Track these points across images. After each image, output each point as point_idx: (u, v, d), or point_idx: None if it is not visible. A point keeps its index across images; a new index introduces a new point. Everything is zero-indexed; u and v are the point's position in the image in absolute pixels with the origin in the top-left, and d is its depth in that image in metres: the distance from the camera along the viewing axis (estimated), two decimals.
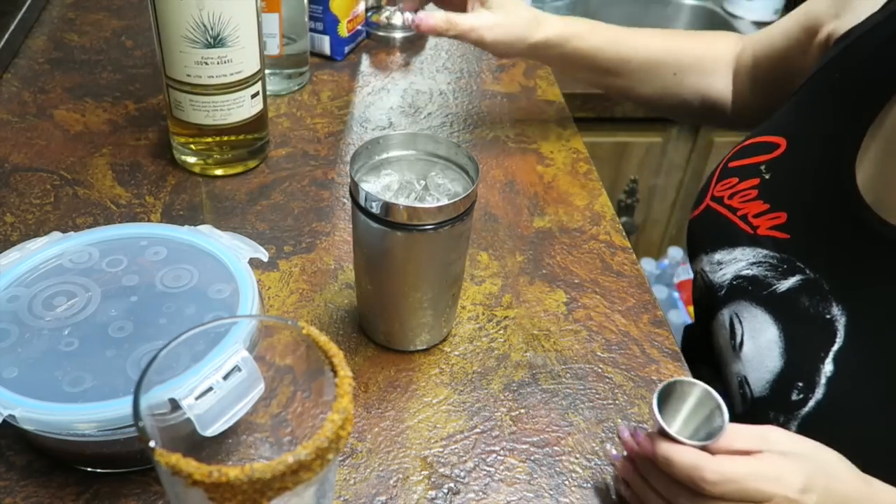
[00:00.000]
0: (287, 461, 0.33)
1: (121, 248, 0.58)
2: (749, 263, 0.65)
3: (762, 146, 0.69)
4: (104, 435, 0.47)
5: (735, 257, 0.67)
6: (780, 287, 0.62)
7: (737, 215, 0.68)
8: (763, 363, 0.62)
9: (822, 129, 0.64)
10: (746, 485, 0.46)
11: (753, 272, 0.65)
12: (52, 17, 1.04)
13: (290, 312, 0.65)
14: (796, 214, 0.64)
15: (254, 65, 0.74)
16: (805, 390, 0.58)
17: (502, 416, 0.59)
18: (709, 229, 0.71)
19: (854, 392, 0.56)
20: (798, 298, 0.61)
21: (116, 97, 0.89)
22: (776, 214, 0.65)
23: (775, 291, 0.63)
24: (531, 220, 0.77)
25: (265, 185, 0.79)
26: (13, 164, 0.79)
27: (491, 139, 0.88)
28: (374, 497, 0.53)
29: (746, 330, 0.64)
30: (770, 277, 0.63)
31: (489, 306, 0.68)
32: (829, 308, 0.59)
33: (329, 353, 0.38)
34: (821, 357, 0.58)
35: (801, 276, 0.61)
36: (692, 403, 0.49)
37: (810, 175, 0.63)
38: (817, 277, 0.60)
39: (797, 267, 0.62)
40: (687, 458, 0.46)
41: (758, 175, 0.67)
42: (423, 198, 0.58)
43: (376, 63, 1.01)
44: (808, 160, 0.64)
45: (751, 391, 0.63)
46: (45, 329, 0.52)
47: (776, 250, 0.64)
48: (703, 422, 0.49)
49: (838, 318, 0.58)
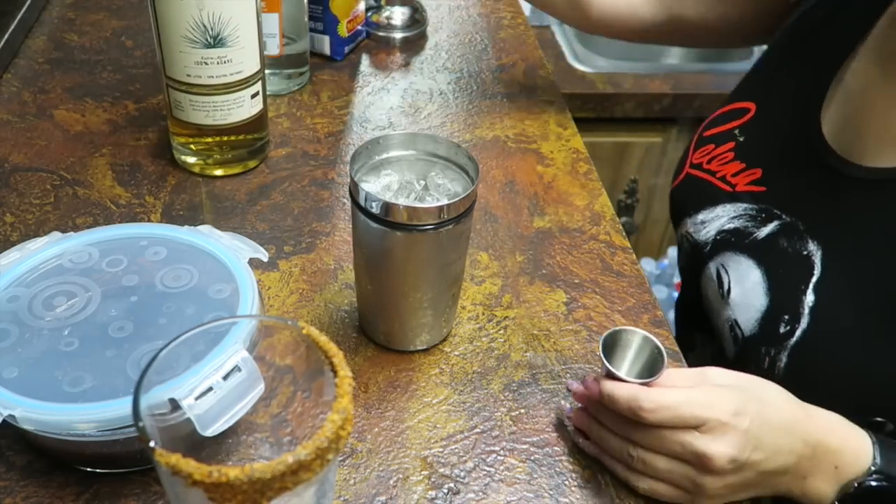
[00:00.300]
0: (287, 461, 0.33)
1: (121, 248, 0.58)
2: (730, 218, 0.71)
3: (734, 113, 0.76)
4: (104, 435, 0.47)
5: (717, 214, 0.72)
6: (759, 234, 0.68)
7: (716, 177, 0.74)
8: (750, 304, 0.66)
9: (788, 90, 0.72)
10: (681, 411, 0.49)
11: (735, 225, 0.70)
12: (52, 17, 1.04)
13: (290, 312, 0.65)
14: (771, 168, 0.70)
15: (254, 65, 0.74)
16: (791, 322, 0.62)
17: (502, 416, 0.59)
18: (690, 194, 0.76)
19: (835, 316, 0.61)
20: (777, 241, 0.66)
21: (116, 97, 0.89)
22: (752, 171, 0.71)
23: (756, 238, 0.68)
24: (531, 220, 0.77)
25: (265, 185, 0.79)
26: (13, 164, 0.79)
27: (491, 139, 0.88)
28: (374, 497, 0.53)
29: (733, 277, 0.69)
30: (750, 227, 0.69)
31: (489, 306, 0.68)
32: (806, 245, 0.64)
33: (329, 353, 0.38)
34: (802, 289, 0.63)
35: (778, 222, 0.67)
36: (635, 350, 0.54)
37: (781, 132, 0.70)
38: (793, 220, 0.66)
39: (774, 214, 0.68)
40: (626, 392, 0.50)
41: (732, 139, 0.74)
42: (423, 198, 0.58)
43: (376, 63, 1.01)
44: (778, 119, 0.71)
45: (741, 332, 0.67)
46: (45, 329, 0.52)
47: (754, 202, 0.70)
48: (645, 366, 0.54)
49: (815, 253, 0.63)
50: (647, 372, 0.53)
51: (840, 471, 0.53)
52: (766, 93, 0.74)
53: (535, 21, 1.59)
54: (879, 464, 0.53)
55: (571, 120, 0.93)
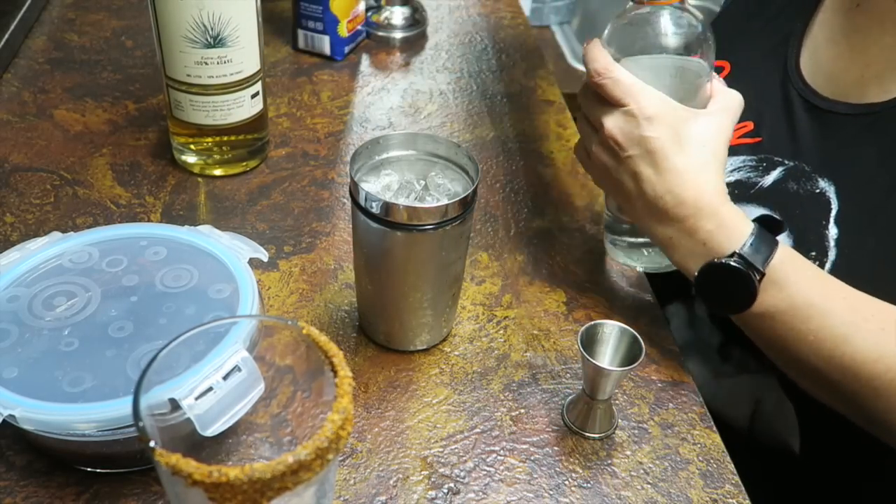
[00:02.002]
0: (287, 461, 0.33)
1: (121, 248, 0.58)
2: (729, 171, 0.71)
3: None
4: (104, 435, 0.47)
5: None
6: (765, 182, 0.69)
7: None
8: None
9: (760, 47, 0.75)
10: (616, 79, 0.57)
11: (736, 177, 0.71)
12: (52, 17, 1.04)
13: (290, 312, 0.65)
14: (761, 119, 0.72)
15: (254, 65, 0.74)
16: (819, 256, 0.63)
17: (502, 416, 0.59)
18: None
19: (860, 245, 0.62)
20: (786, 185, 0.68)
21: (116, 97, 0.89)
22: (742, 125, 0.72)
23: (762, 186, 0.69)
24: (531, 220, 0.77)
25: (265, 185, 0.79)
26: (13, 164, 0.79)
27: (491, 139, 0.88)
28: (374, 497, 0.53)
29: None
30: (753, 177, 0.70)
31: (489, 306, 0.68)
32: (817, 184, 0.66)
33: (329, 353, 0.38)
34: (823, 224, 0.64)
35: (782, 168, 0.69)
36: (613, 342, 0.56)
37: (764, 85, 0.73)
38: (797, 164, 0.68)
39: (775, 161, 0.69)
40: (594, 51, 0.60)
41: None
42: (423, 198, 0.58)
43: (376, 63, 1.01)
44: (757, 74, 0.74)
45: None
46: (45, 329, 0.52)
47: (752, 153, 0.71)
48: (625, 356, 0.55)
49: (827, 189, 0.65)
50: (626, 362, 0.54)
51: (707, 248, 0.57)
52: (735, 52, 0.76)
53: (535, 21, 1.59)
54: (747, 249, 0.56)
55: (571, 120, 0.93)
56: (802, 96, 0.69)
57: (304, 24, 0.98)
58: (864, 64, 0.66)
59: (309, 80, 0.96)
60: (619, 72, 0.58)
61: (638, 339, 0.54)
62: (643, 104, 0.57)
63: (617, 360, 0.55)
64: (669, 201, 0.57)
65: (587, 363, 0.54)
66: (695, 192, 0.57)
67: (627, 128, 0.57)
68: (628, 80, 0.58)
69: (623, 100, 0.57)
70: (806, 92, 0.69)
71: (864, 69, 0.66)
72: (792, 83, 0.70)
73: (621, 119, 0.58)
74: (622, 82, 0.58)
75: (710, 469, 0.56)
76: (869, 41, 0.67)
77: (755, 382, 0.70)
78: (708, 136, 0.58)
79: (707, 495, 0.55)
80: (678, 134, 0.57)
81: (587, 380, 0.55)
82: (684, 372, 0.63)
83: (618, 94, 0.57)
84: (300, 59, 1.00)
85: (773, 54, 0.73)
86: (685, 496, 0.55)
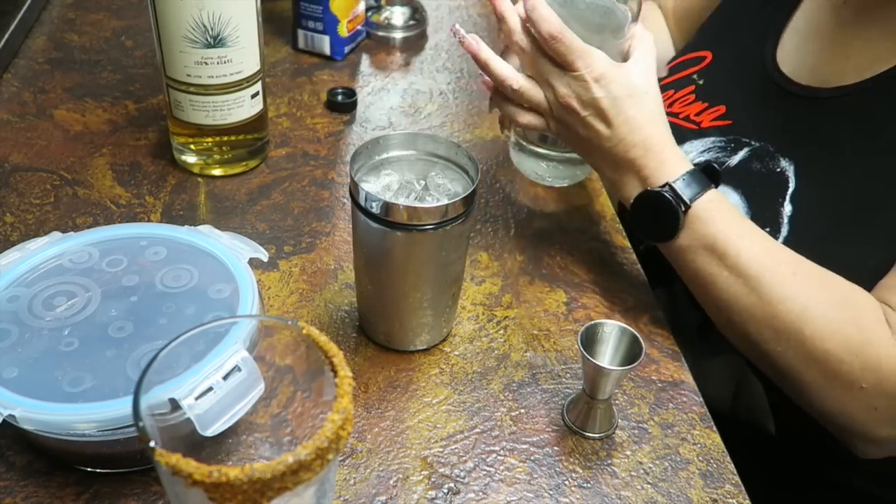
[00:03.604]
0: (287, 461, 0.33)
1: (121, 248, 0.58)
2: (699, 152, 0.76)
3: (690, 61, 0.83)
4: (104, 435, 0.47)
5: (685, 151, 0.75)
6: (731, 162, 0.73)
7: (679, 118, 0.79)
8: None
9: (742, 38, 0.79)
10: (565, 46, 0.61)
11: (705, 157, 0.75)
12: (52, 17, 1.04)
13: (290, 312, 0.65)
14: (734, 104, 0.76)
15: (254, 65, 0.74)
16: (772, 233, 0.66)
17: (502, 416, 0.59)
18: None
19: (813, 222, 0.66)
20: (750, 165, 0.72)
21: (116, 97, 0.89)
22: (715, 109, 0.77)
23: (729, 166, 0.73)
24: (531, 220, 0.77)
25: (265, 185, 0.79)
26: (13, 164, 0.79)
27: (491, 139, 0.88)
28: (374, 497, 0.53)
29: None
30: (721, 157, 0.74)
31: (489, 306, 0.68)
32: (778, 163, 0.70)
33: (329, 353, 0.38)
34: (779, 202, 0.68)
35: (748, 148, 0.73)
36: (614, 342, 0.56)
37: (741, 72, 0.77)
38: (763, 144, 0.72)
39: (743, 142, 0.73)
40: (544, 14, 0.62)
41: (691, 83, 0.81)
42: (423, 198, 0.58)
43: (376, 63, 1.01)
44: (735, 62, 0.78)
45: None
46: (45, 329, 0.52)
47: (721, 135, 0.75)
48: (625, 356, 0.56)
49: (787, 168, 0.69)
50: (626, 361, 0.55)
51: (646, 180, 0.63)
52: (720, 42, 0.81)
53: None
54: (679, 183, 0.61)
55: None
56: (776, 83, 0.73)
57: (304, 24, 0.98)
58: (844, 56, 0.69)
59: (309, 80, 0.96)
60: (569, 36, 0.62)
61: (638, 339, 0.54)
62: (592, 66, 0.62)
63: (617, 360, 0.55)
64: (621, 149, 0.63)
65: (587, 363, 0.54)
66: (643, 137, 0.63)
67: (579, 91, 0.63)
68: (578, 44, 0.62)
69: (574, 63, 0.62)
70: (780, 79, 0.73)
71: (845, 61, 0.69)
72: (768, 71, 0.74)
73: (573, 83, 0.63)
74: (573, 47, 0.62)
75: (710, 469, 0.56)
76: (853, 35, 0.69)
77: (732, 363, 0.71)
78: (648, 83, 0.64)
79: (707, 495, 0.55)
80: (624, 88, 0.63)
81: (587, 379, 0.55)
82: (684, 372, 0.63)
83: (570, 58, 0.62)
84: (300, 59, 1.00)
85: (755, 44, 0.76)
86: (685, 496, 0.54)
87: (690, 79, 0.81)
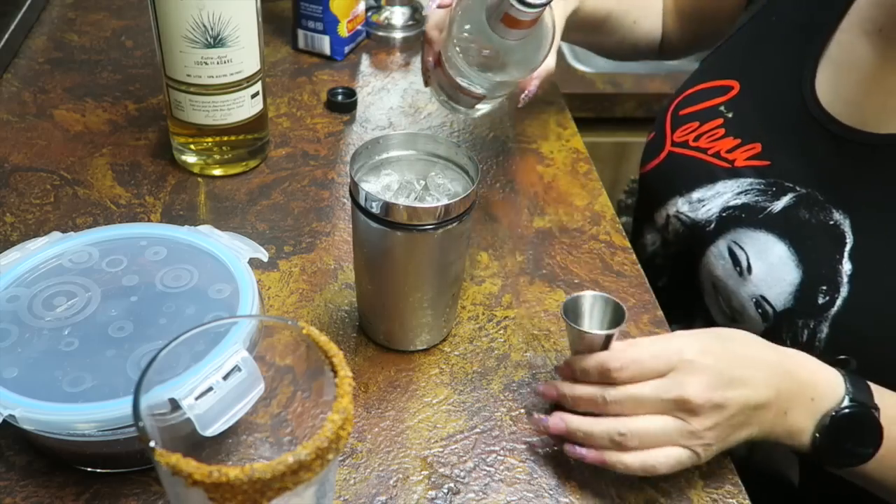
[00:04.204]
0: (287, 461, 0.33)
1: (121, 248, 0.58)
2: (735, 194, 0.70)
3: (713, 91, 0.75)
4: (104, 435, 0.47)
5: (717, 191, 0.71)
6: (774, 208, 0.67)
7: (708, 154, 0.73)
8: (780, 278, 0.65)
9: (773, 66, 0.72)
10: (647, 361, 0.51)
11: (742, 200, 0.69)
12: (52, 17, 1.04)
13: (290, 312, 0.65)
14: (771, 142, 0.69)
15: (254, 65, 0.74)
16: (830, 292, 0.62)
17: (502, 416, 0.59)
18: (679, 173, 0.75)
19: (876, 283, 0.61)
20: (797, 213, 0.66)
21: (116, 97, 0.89)
22: (750, 146, 0.70)
23: (771, 212, 0.67)
24: (531, 220, 0.77)
25: (265, 185, 0.79)
26: (13, 164, 0.79)
27: (491, 139, 0.88)
28: (374, 497, 0.53)
29: (751, 253, 0.67)
30: (762, 201, 0.68)
31: (489, 306, 0.68)
32: (831, 214, 0.64)
33: (329, 353, 0.38)
34: (836, 259, 0.62)
35: (793, 194, 0.66)
36: (598, 312, 0.55)
37: (775, 106, 0.70)
38: (810, 191, 0.65)
39: (786, 187, 0.67)
40: (594, 360, 0.52)
41: (719, 116, 0.73)
42: (423, 198, 0.58)
43: (376, 63, 1.01)
44: (768, 94, 0.71)
45: (772, 307, 0.65)
46: (45, 329, 0.52)
47: (759, 177, 0.69)
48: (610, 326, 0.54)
49: (842, 222, 0.63)
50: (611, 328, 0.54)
51: (816, 402, 0.54)
52: (747, 70, 0.74)
53: None
54: (852, 391, 0.54)
55: (571, 120, 0.93)
56: (819, 122, 0.66)
57: (304, 24, 0.98)
58: (885, 92, 0.63)
59: (309, 80, 0.96)
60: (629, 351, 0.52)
61: (620, 306, 0.54)
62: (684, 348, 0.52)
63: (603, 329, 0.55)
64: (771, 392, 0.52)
65: (572, 330, 0.53)
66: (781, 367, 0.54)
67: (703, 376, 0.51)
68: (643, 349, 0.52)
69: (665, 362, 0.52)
70: (823, 118, 0.66)
71: (887, 97, 0.63)
72: (808, 107, 0.67)
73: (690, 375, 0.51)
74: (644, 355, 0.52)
75: (710, 469, 0.56)
76: (891, 68, 0.64)
77: None
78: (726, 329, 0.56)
79: (707, 495, 0.55)
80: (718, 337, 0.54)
81: (574, 349, 0.55)
82: None
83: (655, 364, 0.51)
84: (300, 59, 1.00)
85: (787, 75, 0.70)
86: (685, 496, 0.54)
87: (718, 110, 0.74)
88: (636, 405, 0.51)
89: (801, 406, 0.53)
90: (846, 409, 0.53)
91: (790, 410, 0.53)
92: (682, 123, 0.76)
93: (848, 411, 0.53)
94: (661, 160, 0.77)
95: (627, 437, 0.51)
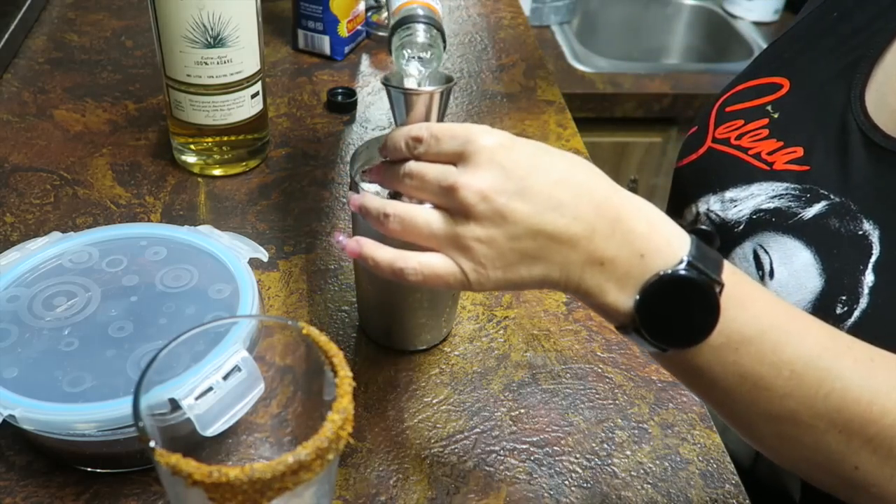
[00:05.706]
0: (287, 461, 0.33)
1: (121, 248, 0.58)
2: (769, 197, 0.67)
3: (762, 88, 0.72)
4: (104, 435, 0.47)
5: (752, 193, 0.69)
6: (805, 214, 0.64)
7: (748, 154, 0.70)
8: (802, 285, 0.64)
9: (825, 69, 0.68)
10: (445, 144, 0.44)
11: (775, 205, 0.67)
12: (52, 17, 1.04)
13: (290, 312, 0.65)
14: (813, 147, 0.66)
15: (254, 65, 0.74)
16: (849, 303, 0.60)
17: (502, 416, 0.59)
18: (716, 170, 0.72)
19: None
20: (827, 222, 0.63)
21: (116, 97, 0.89)
22: (792, 149, 0.67)
23: (802, 219, 0.64)
24: None
25: (265, 185, 0.79)
26: (13, 164, 0.79)
27: None
28: (374, 497, 0.53)
29: (776, 258, 0.66)
30: (794, 207, 0.66)
31: (489, 306, 0.68)
32: (861, 225, 0.62)
33: (329, 353, 0.38)
34: (860, 269, 0.60)
35: (826, 202, 0.64)
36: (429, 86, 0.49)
37: (822, 111, 0.67)
38: (843, 200, 0.63)
39: (821, 194, 0.65)
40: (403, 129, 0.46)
41: (765, 115, 0.70)
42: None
43: (376, 63, 1.01)
44: (817, 97, 0.68)
45: None
46: (45, 329, 0.52)
47: (797, 182, 0.66)
48: None
49: (871, 233, 0.61)
50: None
51: (646, 260, 0.43)
52: (799, 69, 0.71)
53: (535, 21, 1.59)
54: (695, 254, 0.43)
55: (571, 120, 0.93)
56: (862, 129, 0.63)
57: (304, 24, 0.98)
58: None
59: (309, 80, 0.96)
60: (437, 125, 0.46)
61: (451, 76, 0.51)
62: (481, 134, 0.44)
63: None
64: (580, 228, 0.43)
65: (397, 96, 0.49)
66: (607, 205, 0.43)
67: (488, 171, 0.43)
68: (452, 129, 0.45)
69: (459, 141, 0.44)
70: (866, 126, 0.63)
71: None
72: (853, 113, 0.64)
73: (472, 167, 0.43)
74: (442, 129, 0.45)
75: (710, 469, 0.56)
76: None
77: None
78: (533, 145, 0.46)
79: (707, 495, 0.55)
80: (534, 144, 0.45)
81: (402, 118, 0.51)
82: None
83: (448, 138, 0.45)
84: (300, 59, 1.00)
85: (840, 78, 0.67)
86: (685, 496, 0.55)
87: (764, 110, 0.71)
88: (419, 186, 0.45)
89: (625, 261, 0.43)
90: (678, 271, 0.42)
91: (609, 263, 0.43)
92: (727, 120, 0.74)
93: (680, 274, 0.42)
94: (699, 155, 0.75)
95: (391, 218, 0.45)
